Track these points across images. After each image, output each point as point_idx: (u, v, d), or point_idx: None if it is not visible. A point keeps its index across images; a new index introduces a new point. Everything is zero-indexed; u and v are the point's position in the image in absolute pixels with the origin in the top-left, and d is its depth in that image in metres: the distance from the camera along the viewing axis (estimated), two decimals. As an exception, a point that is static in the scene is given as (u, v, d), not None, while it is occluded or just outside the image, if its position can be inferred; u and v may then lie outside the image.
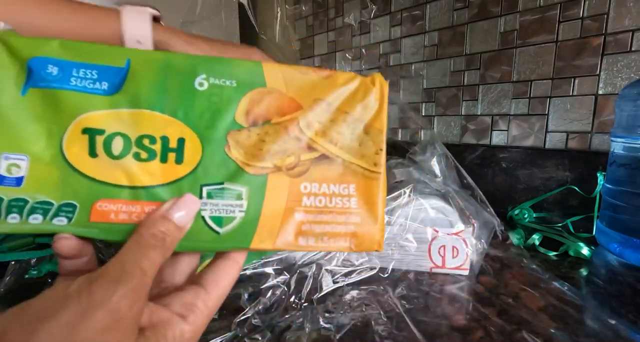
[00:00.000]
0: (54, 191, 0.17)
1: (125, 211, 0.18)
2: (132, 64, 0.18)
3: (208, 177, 0.19)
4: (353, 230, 0.20)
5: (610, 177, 0.47)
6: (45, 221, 0.17)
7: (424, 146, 0.48)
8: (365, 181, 0.20)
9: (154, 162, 0.18)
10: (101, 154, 0.18)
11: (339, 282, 0.37)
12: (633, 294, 0.36)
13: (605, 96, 0.55)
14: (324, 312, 0.32)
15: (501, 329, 0.30)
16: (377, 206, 0.20)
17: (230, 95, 0.19)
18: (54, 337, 0.13)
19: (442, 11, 0.73)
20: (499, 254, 0.44)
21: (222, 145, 0.19)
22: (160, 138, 0.18)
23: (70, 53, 0.18)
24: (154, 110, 0.18)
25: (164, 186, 0.18)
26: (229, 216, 0.19)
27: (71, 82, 0.18)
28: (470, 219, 0.40)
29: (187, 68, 0.19)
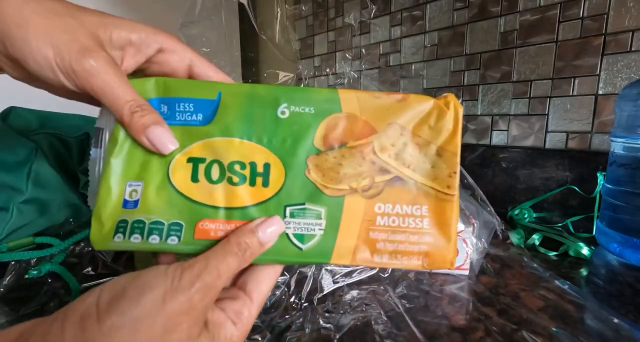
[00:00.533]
0: (162, 212, 0.20)
1: (222, 229, 0.20)
2: (222, 95, 0.21)
3: (291, 198, 0.21)
4: (426, 249, 0.21)
5: (610, 177, 0.47)
6: (162, 241, 0.20)
7: None
8: (438, 202, 0.21)
9: (244, 185, 0.21)
10: (202, 179, 0.20)
11: (339, 282, 0.37)
12: (633, 294, 0.36)
13: (605, 96, 0.55)
14: (324, 312, 0.32)
15: (501, 329, 0.30)
16: (450, 226, 0.21)
17: (309, 122, 0.21)
18: (150, 305, 0.16)
19: (442, 11, 0.73)
20: (499, 254, 0.44)
21: (302, 169, 0.21)
22: (249, 164, 0.21)
23: (173, 90, 0.21)
24: (243, 138, 0.21)
25: (253, 206, 0.20)
26: (310, 234, 0.21)
27: (176, 118, 0.21)
28: (470, 219, 0.40)
29: (270, 98, 0.21)
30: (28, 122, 0.52)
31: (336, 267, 0.39)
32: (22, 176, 0.48)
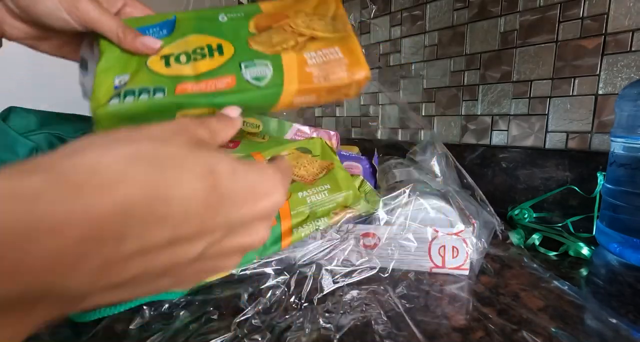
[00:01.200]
0: (148, 83, 0.27)
1: (197, 87, 0.27)
2: (177, 17, 0.31)
3: (242, 58, 0.29)
4: (346, 66, 0.29)
5: (610, 177, 0.47)
6: (150, 97, 0.26)
7: (424, 146, 0.48)
8: (343, 40, 0.30)
9: (205, 59, 0.28)
10: (173, 64, 0.28)
11: (339, 282, 0.37)
12: (633, 294, 0.36)
13: (605, 96, 0.55)
14: (324, 312, 0.32)
15: (501, 329, 0.30)
16: (355, 49, 0.30)
17: (243, 20, 0.31)
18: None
19: (442, 11, 0.73)
20: (499, 254, 0.44)
21: (246, 44, 0.29)
22: (206, 46, 0.29)
23: (142, 22, 0.31)
24: (197, 33, 0.30)
25: (216, 68, 0.28)
26: (262, 75, 0.28)
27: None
28: (470, 219, 0.40)
29: (212, 12, 0.32)
30: (28, 122, 0.52)
31: (336, 267, 0.39)
32: (22, 176, 0.47)
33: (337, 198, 0.39)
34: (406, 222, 0.39)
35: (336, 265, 0.39)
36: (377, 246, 0.40)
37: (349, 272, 0.38)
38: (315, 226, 0.37)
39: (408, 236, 0.39)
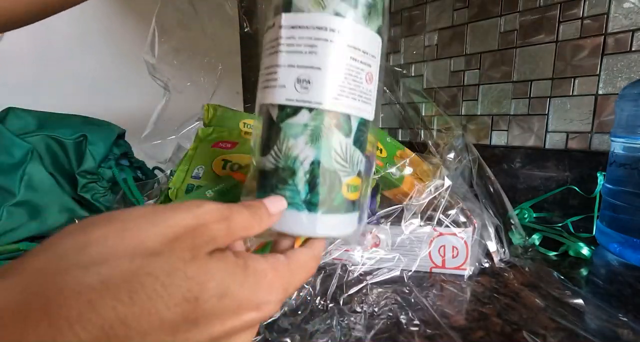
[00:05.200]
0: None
1: None
2: None
3: None
4: None
5: (610, 177, 0.46)
6: None
7: (456, 147, 0.47)
8: None
9: None
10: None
11: (363, 282, 0.37)
12: (633, 294, 0.36)
13: (605, 96, 0.55)
14: (351, 313, 0.32)
15: (501, 329, 0.30)
16: None
17: None
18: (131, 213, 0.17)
19: (442, 11, 0.73)
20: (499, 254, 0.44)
21: None
22: None
23: None
24: None
25: None
26: None
27: None
28: (472, 219, 0.40)
29: None
30: (26, 123, 0.52)
31: (357, 267, 0.39)
32: (16, 178, 0.47)
33: None
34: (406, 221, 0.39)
35: (353, 264, 0.39)
36: (377, 246, 0.40)
37: (370, 271, 0.38)
38: None
39: (408, 235, 0.39)
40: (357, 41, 0.22)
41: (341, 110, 0.22)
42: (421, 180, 0.43)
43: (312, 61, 0.21)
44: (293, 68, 0.22)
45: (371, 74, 0.23)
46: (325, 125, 0.22)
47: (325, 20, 0.21)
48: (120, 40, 0.83)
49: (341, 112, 0.22)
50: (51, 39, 0.75)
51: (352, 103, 0.22)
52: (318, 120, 0.22)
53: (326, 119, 0.22)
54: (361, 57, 0.22)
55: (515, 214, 0.47)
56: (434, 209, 0.40)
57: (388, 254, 0.40)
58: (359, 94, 0.23)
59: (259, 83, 0.25)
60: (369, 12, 0.23)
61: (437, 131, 0.51)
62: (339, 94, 0.22)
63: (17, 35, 0.71)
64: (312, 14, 0.21)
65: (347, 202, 0.24)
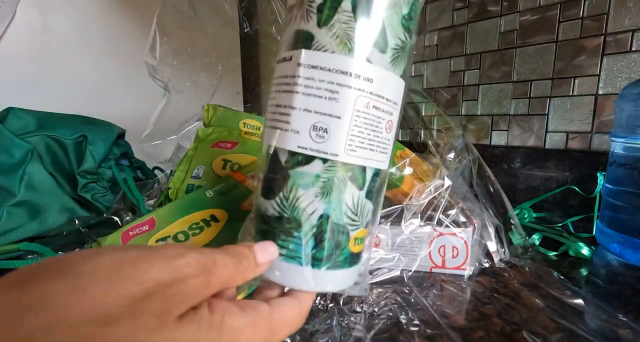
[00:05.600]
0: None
1: None
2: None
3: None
4: None
5: (610, 177, 0.46)
6: None
7: (456, 148, 0.47)
8: None
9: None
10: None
11: None
12: (633, 294, 0.36)
13: (605, 96, 0.55)
14: (351, 313, 0.32)
15: (501, 329, 0.30)
16: None
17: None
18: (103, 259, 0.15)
19: (442, 11, 0.73)
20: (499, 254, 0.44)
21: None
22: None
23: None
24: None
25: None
26: None
27: None
28: (472, 219, 0.40)
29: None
30: (26, 123, 0.52)
31: None
32: (16, 178, 0.47)
33: None
34: (406, 221, 0.39)
35: None
36: (377, 246, 0.40)
37: (370, 271, 0.38)
38: None
39: (408, 235, 0.39)
40: (381, 89, 0.20)
41: (358, 163, 0.20)
42: (421, 180, 0.43)
43: (332, 108, 0.19)
44: (310, 113, 0.19)
45: (392, 122, 0.22)
46: (338, 178, 0.20)
47: (350, 65, 0.19)
48: (121, 41, 0.83)
49: (357, 164, 0.21)
50: (51, 39, 0.75)
51: (369, 154, 0.21)
52: (332, 173, 0.20)
53: (340, 171, 0.20)
54: (384, 106, 0.21)
55: (515, 214, 0.47)
56: (434, 209, 0.40)
57: (388, 254, 0.40)
58: (377, 144, 0.21)
59: (266, 118, 0.22)
60: (397, 56, 0.21)
61: (437, 131, 0.51)
62: (357, 145, 0.20)
63: (17, 35, 0.71)
64: (336, 56, 0.19)
65: (352, 256, 0.23)
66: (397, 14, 0.20)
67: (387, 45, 0.20)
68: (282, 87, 0.21)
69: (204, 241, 0.32)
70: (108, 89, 0.83)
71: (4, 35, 0.69)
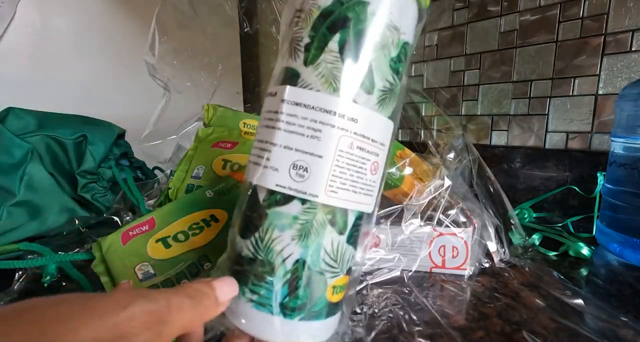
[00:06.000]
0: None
1: None
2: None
3: None
4: None
5: (610, 177, 0.46)
6: None
7: (456, 148, 0.47)
8: None
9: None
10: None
11: (362, 283, 0.37)
12: (633, 294, 0.36)
13: (605, 96, 0.55)
14: (352, 314, 0.32)
15: (501, 329, 0.30)
16: None
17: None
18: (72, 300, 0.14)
19: (442, 11, 0.73)
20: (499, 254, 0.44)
21: None
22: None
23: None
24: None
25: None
26: None
27: None
28: (472, 219, 0.40)
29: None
30: (26, 123, 0.52)
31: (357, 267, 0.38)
32: (16, 178, 0.47)
33: None
34: (406, 221, 0.39)
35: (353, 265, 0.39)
36: (377, 246, 0.40)
37: (370, 271, 0.38)
38: None
39: (408, 235, 0.39)
40: (367, 129, 0.19)
41: (339, 205, 0.19)
42: (421, 180, 0.43)
43: (313, 147, 0.18)
44: (290, 151, 0.19)
45: (377, 164, 0.21)
46: (317, 221, 0.19)
47: (334, 104, 0.18)
48: (120, 41, 0.83)
49: (338, 207, 0.19)
50: (51, 39, 0.75)
51: (351, 197, 0.20)
52: (311, 215, 0.19)
53: (320, 213, 0.19)
54: (369, 147, 0.20)
55: (515, 214, 0.47)
56: (434, 209, 0.40)
57: (388, 254, 0.40)
58: (360, 186, 0.20)
59: (251, 153, 0.21)
60: (385, 97, 0.20)
61: (437, 131, 0.51)
62: (338, 187, 0.19)
63: (17, 35, 0.71)
64: (321, 95, 0.19)
65: (330, 305, 0.21)
66: (385, 56, 0.20)
67: (374, 86, 0.20)
68: (266, 122, 0.20)
69: (203, 241, 0.32)
70: (108, 89, 0.83)
71: (4, 35, 0.69)
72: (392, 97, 0.21)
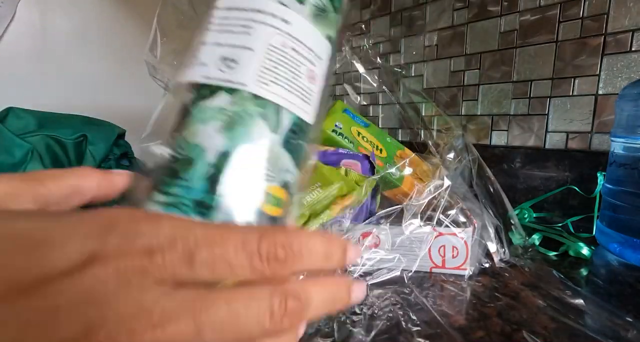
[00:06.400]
0: None
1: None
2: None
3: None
4: None
5: (610, 177, 0.46)
6: None
7: (456, 148, 0.47)
8: None
9: None
10: None
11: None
12: (633, 294, 0.36)
13: (605, 96, 0.55)
14: (351, 314, 0.32)
15: (501, 329, 0.30)
16: None
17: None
18: None
19: (442, 11, 0.73)
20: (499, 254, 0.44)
21: None
22: None
23: None
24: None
25: None
26: None
27: None
28: (472, 219, 0.40)
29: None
30: (26, 123, 0.52)
31: (355, 267, 0.39)
32: (18, 177, 0.47)
33: (331, 191, 0.39)
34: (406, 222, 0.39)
35: (353, 265, 0.39)
36: (377, 246, 0.40)
37: (370, 271, 0.38)
38: (319, 221, 0.37)
39: (408, 235, 0.39)
40: (299, 33, 0.19)
41: (270, 98, 0.18)
42: (421, 180, 0.43)
43: (243, 41, 0.18)
44: (220, 46, 0.18)
45: (314, 72, 0.20)
46: (247, 112, 0.17)
47: (265, 4, 0.18)
48: (120, 41, 0.83)
49: (269, 100, 0.18)
50: (51, 39, 0.75)
51: (285, 94, 0.18)
52: (239, 106, 0.17)
53: (250, 106, 0.18)
54: (304, 51, 0.19)
55: (515, 214, 0.47)
56: (433, 209, 0.40)
57: (388, 255, 0.40)
58: (296, 87, 0.19)
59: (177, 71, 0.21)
60: (318, 14, 0.20)
61: (437, 131, 0.51)
62: (271, 80, 0.18)
63: (17, 35, 0.72)
64: None
65: (264, 217, 0.18)
66: None
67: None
68: (199, 31, 0.20)
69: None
70: (108, 89, 0.83)
71: (4, 35, 0.69)
72: (326, 20, 0.21)
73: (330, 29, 0.21)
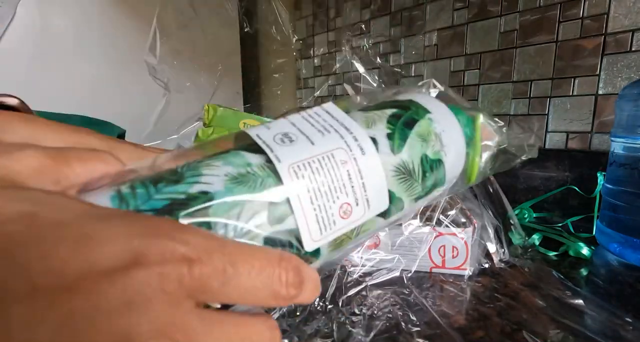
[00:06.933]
0: None
1: None
2: None
3: None
4: None
5: (610, 177, 0.46)
6: None
7: None
8: None
9: None
10: None
11: (362, 283, 0.37)
12: (633, 294, 0.36)
13: (605, 96, 0.55)
14: (351, 315, 0.32)
15: (501, 329, 0.30)
16: None
17: None
18: None
19: (442, 11, 0.73)
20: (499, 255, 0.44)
21: None
22: None
23: None
24: None
25: None
26: None
27: None
28: (471, 219, 0.40)
29: None
30: (27, 122, 0.52)
31: (356, 268, 0.39)
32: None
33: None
34: (406, 221, 0.39)
35: (353, 266, 0.39)
36: (377, 246, 0.40)
37: (370, 272, 0.38)
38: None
39: (407, 236, 0.39)
40: (365, 168, 0.19)
41: (288, 189, 0.17)
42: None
43: (313, 133, 0.19)
44: (292, 126, 0.19)
45: (350, 211, 0.19)
46: (263, 183, 0.17)
47: (355, 128, 0.20)
48: (121, 41, 0.83)
49: (287, 194, 0.17)
50: (51, 39, 0.75)
51: (304, 198, 0.17)
52: (263, 173, 0.17)
53: (271, 180, 0.17)
54: (355, 183, 0.19)
55: (515, 214, 0.47)
56: (433, 210, 0.40)
57: (388, 255, 0.40)
58: (319, 205, 0.18)
59: None
60: (400, 174, 0.20)
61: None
62: (302, 175, 0.17)
63: (17, 35, 0.72)
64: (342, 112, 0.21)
65: None
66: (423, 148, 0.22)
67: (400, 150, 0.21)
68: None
69: None
70: (108, 89, 0.83)
71: (4, 35, 0.69)
72: (405, 185, 0.21)
73: (403, 192, 0.20)
